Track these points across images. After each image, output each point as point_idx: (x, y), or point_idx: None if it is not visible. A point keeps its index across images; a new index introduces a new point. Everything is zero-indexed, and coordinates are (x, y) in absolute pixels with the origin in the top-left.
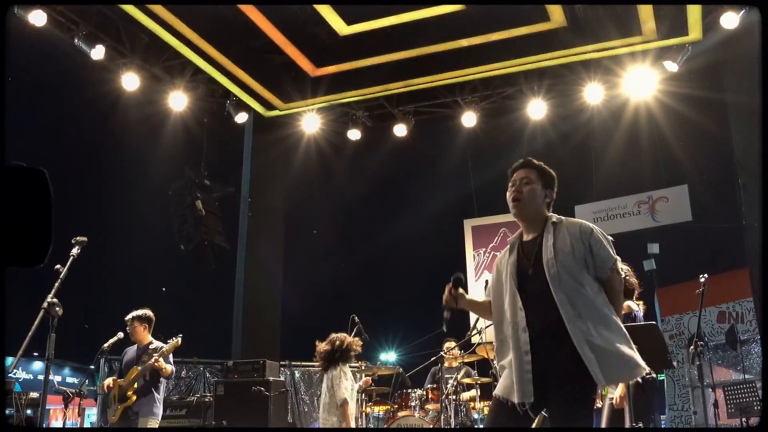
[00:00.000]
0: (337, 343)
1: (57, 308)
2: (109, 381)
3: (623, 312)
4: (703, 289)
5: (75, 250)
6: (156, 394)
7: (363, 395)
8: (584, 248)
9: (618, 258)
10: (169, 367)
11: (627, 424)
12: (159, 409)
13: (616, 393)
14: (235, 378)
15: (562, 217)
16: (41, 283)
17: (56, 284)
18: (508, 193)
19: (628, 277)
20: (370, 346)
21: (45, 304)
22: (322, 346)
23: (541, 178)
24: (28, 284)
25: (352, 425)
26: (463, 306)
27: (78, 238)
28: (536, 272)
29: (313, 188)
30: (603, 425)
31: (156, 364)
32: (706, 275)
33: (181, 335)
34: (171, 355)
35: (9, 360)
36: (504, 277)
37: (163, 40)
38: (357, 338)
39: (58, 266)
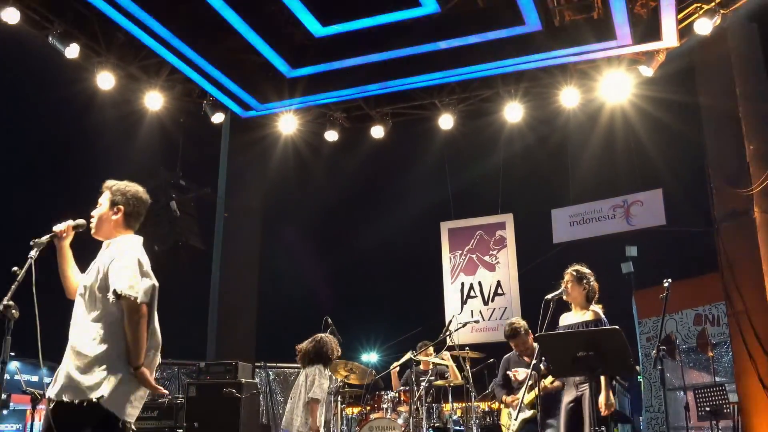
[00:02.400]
0: (320, 343)
1: (13, 311)
2: None
3: (593, 318)
4: (666, 294)
5: (33, 252)
6: None
7: (338, 396)
8: (104, 268)
9: (134, 286)
10: None
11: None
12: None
13: (601, 400)
14: (207, 379)
15: (125, 238)
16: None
17: (12, 287)
18: None
19: (592, 282)
20: (351, 346)
21: (0, 307)
22: (304, 345)
23: (110, 198)
24: None
25: (320, 426)
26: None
27: (36, 240)
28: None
29: (291, 189)
30: (562, 429)
31: None
32: (669, 280)
33: None
34: None
35: None
36: None
37: (138, 40)
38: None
39: (15, 268)
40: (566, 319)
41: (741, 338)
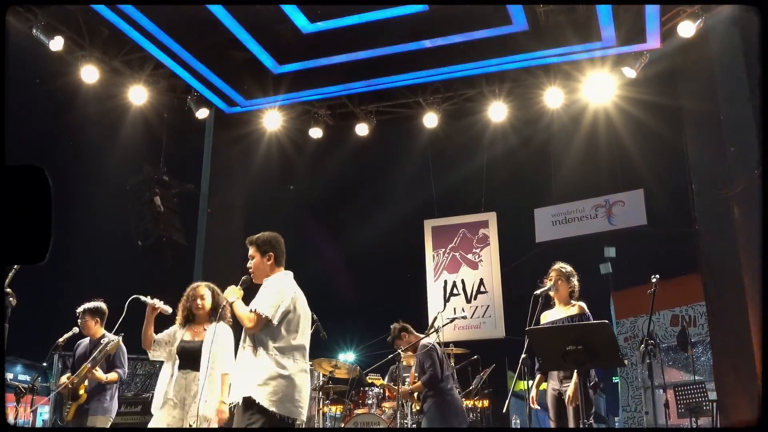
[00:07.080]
0: None
1: (11, 299)
2: (64, 379)
3: (579, 312)
4: (654, 289)
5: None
6: (108, 391)
7: (320, 393)
8: None
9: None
10: (111, 375)
11: (572, 423)
12: (111, 405)
13: (569, 390)
14: None
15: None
16: None
17: (10, 274)
18: None
19: (576, 281)
20: (329, 346)
21: None
22: None
23: (258, 250)
24: None
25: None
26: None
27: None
28: None
29: (275, 186)
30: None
31: (90, 374)
32: (657, 276)
33: (122, 334)
34: (123, 355)
35: None
36: None
37: (123, 33)
38: None
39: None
40: (549, 316)
41: (720, 337)
